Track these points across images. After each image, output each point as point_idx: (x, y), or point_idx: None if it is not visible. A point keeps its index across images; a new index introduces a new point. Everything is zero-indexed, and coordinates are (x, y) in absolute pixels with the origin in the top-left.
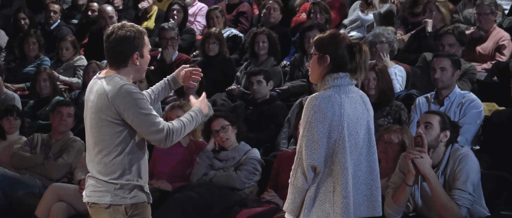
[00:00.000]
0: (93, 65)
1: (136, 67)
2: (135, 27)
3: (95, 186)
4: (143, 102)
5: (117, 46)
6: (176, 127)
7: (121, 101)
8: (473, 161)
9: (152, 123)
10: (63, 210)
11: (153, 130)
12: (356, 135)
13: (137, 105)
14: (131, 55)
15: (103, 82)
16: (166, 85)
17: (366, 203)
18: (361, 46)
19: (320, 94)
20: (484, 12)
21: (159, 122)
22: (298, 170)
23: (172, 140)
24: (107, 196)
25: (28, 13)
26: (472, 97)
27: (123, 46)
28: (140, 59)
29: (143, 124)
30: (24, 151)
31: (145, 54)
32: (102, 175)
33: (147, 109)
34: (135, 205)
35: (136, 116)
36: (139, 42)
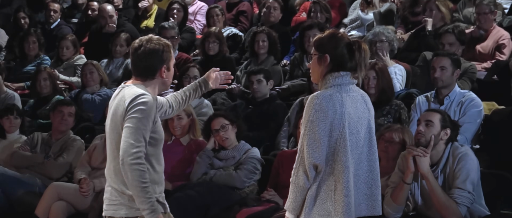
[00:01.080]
0: (89, 66)
1: (162, 80)
2: (163, 41)
3: (110, 199)
4: (144, 121)
5: (145, 59)
6: (143, 170)
7: (131, 107)
8: (473, 160)
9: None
10: (63, 209)
11: (127, 148)
12: (357, 134)
13: (139, 120)
14: (159, 69)
15: (125, 90)
16: (197, 87)
17: (366, 202)
18: (360, 44)
19: (322, 93)
20: (483, 12)
21: (139, 147)
22: (299, 169)
23: (126, 169)
24: (122, 209)
25: (28, 12)
26: (472, 96)
27: (152, 60)
28: (167, 72)
29: (126, 136)
30: (24, 150)
31: (171, 67)
32: (115, 183)
33: (144, 127)
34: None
35: (129, 126)
36: (167, 56)
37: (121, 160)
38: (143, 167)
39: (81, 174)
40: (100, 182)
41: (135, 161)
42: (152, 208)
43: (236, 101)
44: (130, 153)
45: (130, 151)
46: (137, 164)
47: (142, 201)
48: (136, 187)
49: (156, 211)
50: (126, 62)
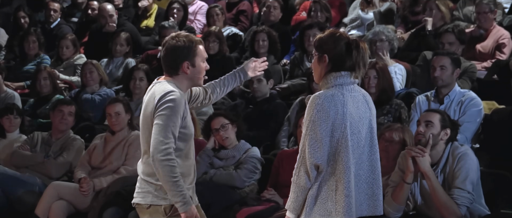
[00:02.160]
0: (89, 66)
1: (188, 76)
2: (188, 37)
3: (139, 187)
4: (173, 118)
5: (169, 55)
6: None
7: (161, 104)
8: (472, 160)
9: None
10: (63, 208)
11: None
12: (358, 134)
13: (168, 117)
14: (181, 64)
15: (156, 86)
16: (236, 77)
17: (367, 202)
18: (358, 43)
19: (323, 93)
20: (483, 11)
21: (168, 144)
22: (301, 169)
23: (157, 165)
24: (149, 197)
25: (28, 11)
26: (472, 95)
27: (174, 56)
28: (192, 68)
29: (156, 133)
30: (24, 149)
31: (198, 64)
32: (145, 175)
33: (174, 124)
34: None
35: (158, 123)
36: (189, 52)
37: (152, 156)
38: (173, 162)
39: (81, 173)
40: (99, 182)
41: (165, 157)
42: (184, 200)
43: (236, 100)
44: (160, 149)
45: (160, 148)
46: (167, 160)
47: (174, 194)
48: (167, 182)
49: (187, 203)
50: (126, 62)
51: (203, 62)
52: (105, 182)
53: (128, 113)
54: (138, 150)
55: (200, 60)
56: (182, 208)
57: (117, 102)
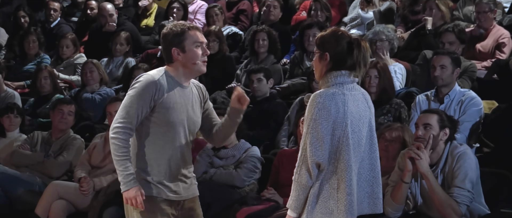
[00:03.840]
0: (89, 65)
1: (181, 63)
2: (180, 25)
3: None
4: (135, 98)
5: (162, 44)
6: (121, 142)
7: (130, 86)
8: (472, 159)
9: (123, 112)
10: (63, 208)
11: (117, 118)
12: (358, 132)
13: (129, 97)
14: (171, 51)
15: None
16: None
17: (367, 200)
18: (359, 42)
19: (324, 91)
20: (483, 10)
21: (128, 121)
22: (302, 167)
23: (112, 141)
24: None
25: (28, 11)
26: (472, 95)
27: (165, 44)
28: (183, 54)
29: (121, 106)
30: (24, 148)
31: (188, 48)
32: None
33: (132, 104)
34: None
35: (126, 98)
36: (177, 38)
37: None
38: (120, 141)
39: (81, 172)
40: (100, 181)
41: (113, 134)
42: (124, 180)
43: None
44: (112, 127)
45: (113, 125)
46: (113, 138)
47: (118, 172)
48: (114, 159)
49: (127, 184)
50: (126, 61)
51: (197, 47)
52: (105, 181)
53: None
54: None
55: (190, 45)
56: (122, 188)
57: (117, 101)
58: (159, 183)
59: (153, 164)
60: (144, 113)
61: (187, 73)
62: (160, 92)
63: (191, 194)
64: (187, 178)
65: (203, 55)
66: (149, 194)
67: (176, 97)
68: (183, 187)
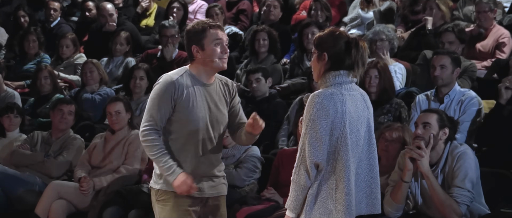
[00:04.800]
0: (89, 65)
1: (200, 60)
2: (201, 22)
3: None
4: (156, 100)
5: (184, 42)
6: (152, 142)
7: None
8: (471, 159)
9: (143, 120)
10: (63, 207)
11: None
12: (357, 133)
13: (155, 95)
14: (190, 49)
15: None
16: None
17: (366, 201)
18: (357, 42)
19: (322, 92)
20: (483, 10)
21: (149, 121)
22: (301, 168)
23: (144, 147)
24: (152, 179)
25: (28, 10)
26: (472, 94)
27: (186, 41)
28: (202, 52)
29: (146, 110)
30: (24, 148)
31: (207, 47)
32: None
33: (156, 104)
34: (162, 191)
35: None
36: (197, 36)
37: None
38: (149, 141)
39: (81, 172)
40: (100, 181)
41: (144, 138)
42: (169, 171)
43: None
44: (140, 132)
45: (140, 130)
46: (144, 141)
47: (160, 168)
48: (152, 159)
49: (174, 172)
50: (126, 61)
51: (217, 45)
52: (105, 181)
53: (129, 112)
54: (138, 149)
55: (210, 43)
56: (170, 178)
57: (117, 101)
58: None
59: (176, 161)
60: (167, 113)
61: (207, 71)
62: (179, 92)
63: (216, 192)
64: (213, 176)
65: (222, 52)
66: (171, 190)
67: (196, 95)
68: (208, 185)
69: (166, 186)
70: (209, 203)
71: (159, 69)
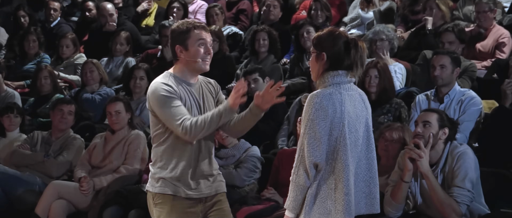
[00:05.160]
0: (89, 65)
1: (183, 60)
2: (186, 22)
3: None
4: (168, 100)
5: (169, 41)
6: (197, 122)
7: (152, 98)
8: (471, 159)
9: (172, 116)
10: (63, 207)
11: (174, 125)
12: (355, 132)
13: (162, 102)
14: (174, 49)
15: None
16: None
17: (365, 200)
18: (356, 42)
19: (321, 92)
20: (483, 10)
21: (181, 117)
22: (300, 168)
23: (191, 133)
24: (149, 182)
25: (28, 10)
26: (472, 94)
27: (170, 41)
28: (185, 52)
29: (165, 119)
30: (24, 148)
31: (190, 47)
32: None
33: (170, 106)
34: (159, 195)
35: (161, 112)
36: (181, 36)
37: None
38: (195, 123)
39: (81, 172)
40: (100, 181)
41: (183, 131)
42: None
43: None
44: (179, 132)
45: (178, 130)
46: (187, 132)
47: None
48: (210, 122)
49: (226, 103)
50: (126, 61)
51: (200, 46)
52: (105, 181)
53: (129, 112)
54: (138, 149)
55: (193, 43)
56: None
57: (117, 101)
58: (178, 181)
59: (171, 163)
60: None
61: (190, 71)
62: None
63: (214, 191)
64: (209, 175)
65: (205, 53)
66: (168, 193)
67: (186, 95)
68: (205, 184)
69: (163, 189)
70: (208, 202)
71: (159, 69)
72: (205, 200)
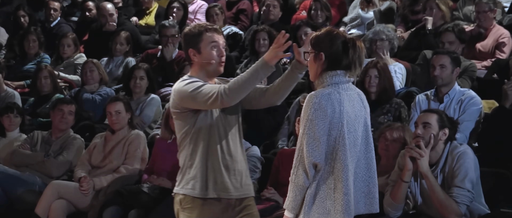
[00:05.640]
0: (89, 65)
1: (198, 63)
2: (198, 25)
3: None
4: (190, 84)
5: (182, 45)
6: (230, 85)
7: (177, 94)
8: (471, 158)
9: (204, 94)
10: (63, 207)
11: (207, 99)
12: (354, 132)
13: (186, 90)
14: (187, 52)
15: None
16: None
17: (364, 200)
18: (354, 42)
19: (320, 91)
20: (483, 10)
21: (211, 90)
22: (299, 168)
23: (228, 96)
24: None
25: (28, 10)
26: (472, 94)
27: (183, 44)
28: (198, 55)
29: (197, 100)
30: (24, 148)
31: (203, 50)
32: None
33: (195, 86)
34: (188, 198)
35: (190, 98)
36: (193, 39)
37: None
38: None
39: (81, 172)
40: (100, 181)
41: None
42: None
43: None
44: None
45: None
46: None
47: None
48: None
49: (262, 59)
50: (126, 61)
51: (213, 48)
52: (105, 181)
53: (129, 112)
54: (138, 148)
55: (206, 46)
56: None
57: (117, 101)
58: (206, 182)
59: (198, 164)
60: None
61: (206, 74)
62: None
63: (243, 193)
64: (237, 175)
65: (219, 56)
66: (196, 195)
67: None
68: (234, 186)
69: (193, 192)
70: (237, 207)
71: (159, 69)
72: (234, 204)
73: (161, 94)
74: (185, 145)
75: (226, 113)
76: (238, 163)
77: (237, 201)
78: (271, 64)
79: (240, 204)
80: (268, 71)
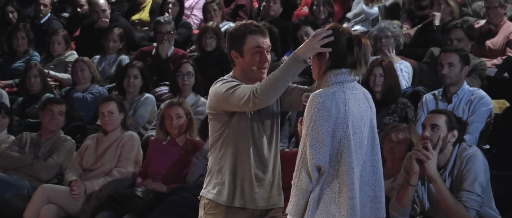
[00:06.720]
0: (80, 63)
1: (240, 66)
2: (243, 25)
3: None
4: (226, 84)
5: (226, 44)
6: (261, 84)
7: (213, 95)
8: (481, 161)
9: (237, 95)
10: (52, 212)
11: (240, 100)
12: (360, 133)
13: (221, 90)
14: (230, 54)
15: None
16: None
17: (370, 205)
18: (360, 39)
19: (324, 91)
20: (493, 6)
21: (245, 90)
22: (302, 171)
23: (261, 96)
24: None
25: (16, 6)
26: (482, 94)
27: (227, 44)
28: (241, 58)
29: (230, 101)
30: (12, 150)
31: (245, 54)
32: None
33: (229, 86)
34: (213, 203)
35: (224, 99)
36: (236, 40)
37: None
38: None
39: (72, 175)
40: (91, 184)
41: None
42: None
43: None
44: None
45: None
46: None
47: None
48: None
49: (295, 55)
50: (119, 59)
51: (256, 53)
52: (97, 185)
53: (122, 112)
54: (132, 151)
55: (249, 50)
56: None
57: (110, 101)
58: (234, 190)
59: (227, 170)
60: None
61: (247, 78)
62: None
63: (270, 204)
64: (267, 185)
65: (261, 62)
66: (221, 202)
67: None
68: (261, 195)
69: (218, 198)
70: (263, 215)
71: (154, 67)
72: (260, 215)
73: (156, 93)
74: (216, 147)
75: (263, 116)
76: (270, 172)
77: (263, 212)
78: (302, 57)
79: (266, 214)
80: (301, 67)
